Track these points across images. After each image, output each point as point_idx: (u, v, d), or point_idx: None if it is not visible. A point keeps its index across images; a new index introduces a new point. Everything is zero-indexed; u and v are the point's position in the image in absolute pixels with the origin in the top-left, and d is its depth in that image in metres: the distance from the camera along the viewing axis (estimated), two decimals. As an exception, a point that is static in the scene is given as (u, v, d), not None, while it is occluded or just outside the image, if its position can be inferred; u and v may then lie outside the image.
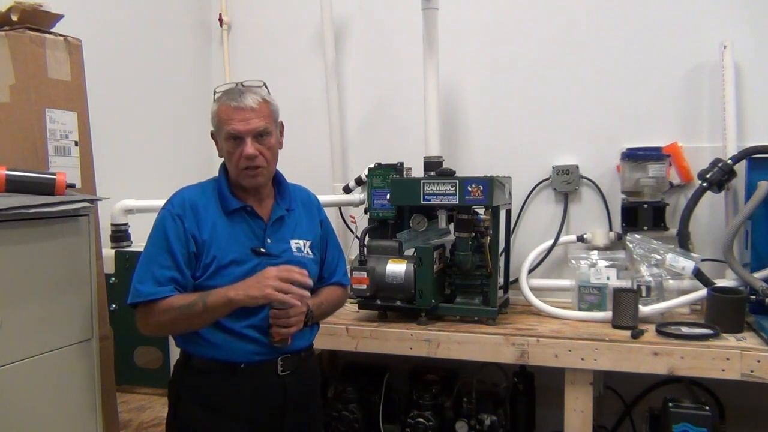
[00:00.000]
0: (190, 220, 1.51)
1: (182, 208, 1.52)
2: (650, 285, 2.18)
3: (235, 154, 1.52)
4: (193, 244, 1.50)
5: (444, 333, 2.10)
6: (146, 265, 1.50)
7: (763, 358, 1.81)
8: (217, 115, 1.54)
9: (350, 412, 2.35)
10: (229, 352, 1.52)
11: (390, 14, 2.78)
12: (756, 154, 2.15)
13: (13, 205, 1.32)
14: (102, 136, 1.86)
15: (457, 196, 2.10)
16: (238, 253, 1.53)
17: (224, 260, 1.51)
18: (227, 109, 1.51)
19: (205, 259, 1.51)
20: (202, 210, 1.53)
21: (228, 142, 1.52)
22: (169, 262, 1.48)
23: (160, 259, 1.49)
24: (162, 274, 1.48)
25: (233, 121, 1.50)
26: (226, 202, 1.56)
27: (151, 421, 1.93)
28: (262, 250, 1.55)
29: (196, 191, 1.58)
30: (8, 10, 1.56)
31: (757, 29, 2.34)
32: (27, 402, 1.40)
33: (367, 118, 2.86)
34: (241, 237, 1.55)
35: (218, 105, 1.54)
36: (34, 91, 1.57)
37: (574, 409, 2.00)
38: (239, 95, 1.52)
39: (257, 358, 1.54)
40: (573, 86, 2.55)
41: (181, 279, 1.49)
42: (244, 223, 1.56)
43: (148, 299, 1.47)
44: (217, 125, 1.55)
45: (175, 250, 1.49)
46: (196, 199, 1.55)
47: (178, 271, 1.49)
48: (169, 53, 2.81)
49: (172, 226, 1.50)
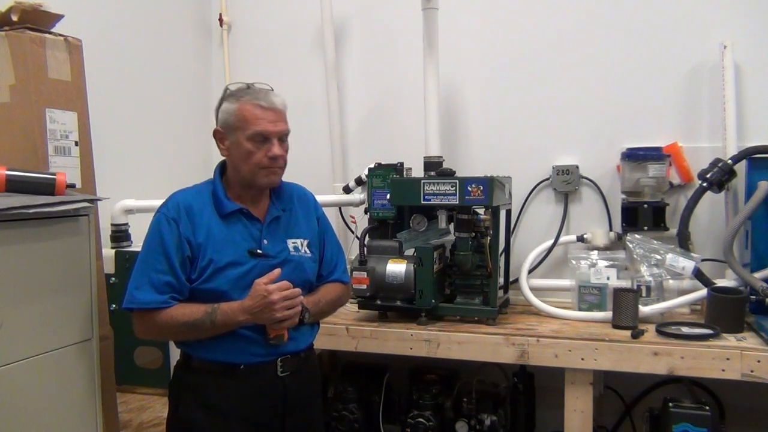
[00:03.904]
0: (185, 224, 1.51)
1: (177, 211, 1.51)
2: (650, 285, 2.18)
3: (258, 153, 1.51)
4: (187, 248, 1.50)
5: (444, 333, 2.10)
6: (142, 270, 1.50)
7: (763, 358, 1.81)
8: (239, 113, 1.51)
9: (350, 412, 2.34)
10: (228, 353, 1.52)
11: (390, 14, 2.78)
12: (756, 154, 2.15)
13: (13, 205, 1.32)
14: (102, 136, 1.86)
15: (457, 196, 2.10)
16: (234, 255, 1.52)
17: (221, 263, 1.51)
18: (254, 108, 1.50)
19: (201, 262, 1.50)
20: (197, 213, 1.53)
21: (252, 141, 1.50)
22: (165, 267, 1.48)
23: (156, 264, 1.48)
24: (158, 279, 1.48)
25: (262, 121, 1.50)
26: (221, 206, 1.55)
27: (151, 421, 1.93)
28: (258, 252, 1.54)
29: (190, 194, 1.57)
30: (8, 10, 1.56)
31: (757, 29, 2.34)
32: (27, 402, 1.40)
33: (367, 118, 2.86)
34: (237, 239, 1.54)
35: (240, 103, 1.51)
36: (34, 91, 1.57)
37: (574, 409, 2.00)
38: (265, 95, 1.52)
39: (257, 359, 1.53)
40: (573, 86, 2.55)
41: (176, 284, 1.49)
42: (240, 224, 1.56)
43: (146, 308, 1.48)
44: (237, 123, 1.51)
45: (171, 254, 1.48)
46: (191, 202, 1.54)
47: (174, 275, 1.49)
48: (169, 53, 2.81)
49: (167, 230, 1.50)
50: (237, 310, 1.47)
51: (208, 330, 1.48)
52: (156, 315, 1.48)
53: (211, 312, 1.46)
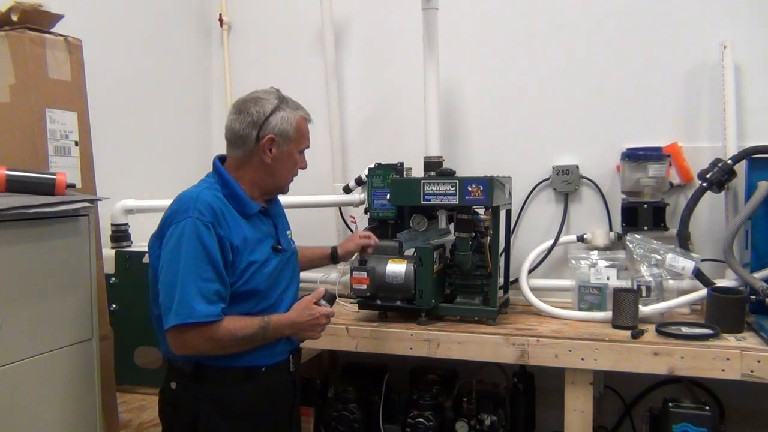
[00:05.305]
0: (224, 227, 1.47)
1: (213, 215, 1.46)
2: (650, 285, 2.18)
3: (298, 165, 1.65)
4: (230, 253, 1.47)
5: (444, 333, 2.10)
6: (190, 280, 1.41)
7: (763, 358, 1.81)
8: (300, 126, 1.60)
9: (350, 412, 2.34)
10: (253, 358, 1.54)
11: (390, 14, 2.77)
12: (756, 154, 2.14)
13: (13, 205, 1.32)
14: (102, 136, 1.86)
15: (457, 196, 2.10)
16: (264, 254, 1.56)
17: (256, 263, 1.52)
18: (306, 123, 1.64)
19: (240, 264, 1.50)
20: (227, 215, 1.51)
21: (301, 154, 1.64)
22: (212, 275, 1.43)
23: (202, 272, 1.42)
24: (207, 288, 1.42)
25: (309, 136, 1.66)
26: (247, 206, 1.56)
27: (151, 421, 1.93)
28: (279, 247, 1.60)
29: (211, 196, 1.51)
30: (8, 10, 1.56)
31: (757, 29, 2.34)
32: (27, 402, 1.40)
33: (367, 118, 2.86)
34: (263, 238, 1.58)
35: (299, 116, 1.60)
36: (34, 91, 1.57)
37: (574, 409, 2.00)
38: (307, 112, 1.64)
39: (276, 359, 1.58)
40: (573, 86, 2.55)
41: (224, 292, 1.46)
42: (261, 223, 1.60)
43: (205, 320, 1.41)
44: (294, 135, 1.59)
45: (216, 260, 1.44)
46: (219, 205, 1.50)
47: (221, 282, 1.45)
48: (169, 53, 2.82)
49: (208, 235, 1.43)
50: (286, 324, 1.54)
51: (258, 343, 1.51)
52: (212, 329, 1.43)
53: (264, 326, 1.50)
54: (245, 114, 1.55)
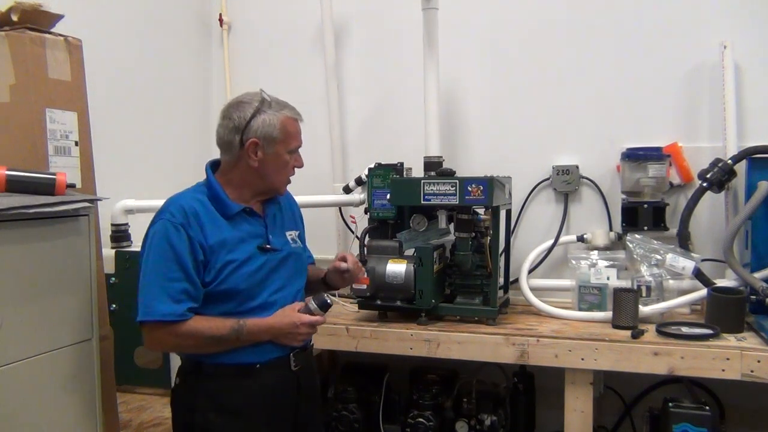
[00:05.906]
0: (195, 228, 1.49)
1: (184, 216, 1.49)
2: (650, 285, 2.18)
3: (290, 164, 1.62)
4: (201, 253, 1.49)
5: (444, 333, 2.10)
6: (154, 280, 1.46)
7: (763, 358, 1.81)
8: (285, 126, 1.56)
9: (350, 412, 2.35)
10: (243, 355, 1.53)
11: (390, 14, 2.77)
12: (756, 154, 2.15)
13: (13, 205, 1.32)
14: (102, 136, 1.86)
15: (457, 196, 2.10)
16: (246, 253, 1.54)
17: (236, 263, 1.52)
18: (294, 122, 1.60)
19: (216, 264, 1.50)
20: (204, 216, 1.52)
21: (291, 154, 1.61)
22: (179, 274, 1.46)
23: (169, 272, 1.45)
24: (173, 287, 1.45)
25: (299, 135, 1.62)
26: (226, 207, 1.56)
27: (151, 421, 1.93)
28: (267, 247, 1.59)
29: (190, 198, 1.55)
30: (8, 10, 1.56)
31: (757, 29, 2.34)
32: (27, 402, 1.40)
33: (367, 118, 2.86)
34: (245, 237, 1.57)
35: (283, 116, 1.56)
36: (34, 91, 1.56)
37: (574, 409, 2.00)
38: (293, 108, 1.61)
39: (271, 356, 1.56)
40: (573, 86, 2.55)
41: (192, 290, 1.47)
42: (245, 223, 1.58)
43: (167, 319, 1.44)
44: (280, 136, 1.56)
45: (184, 260, 1.46)
46: (195, 207, 1.52)
47: (190, 281, 1.47)
48: (169, 53, 2.81)
49: (176, 236, 1.47)
50: (263, 330, 1.52)
51: (232, 344, 1.50)
52: (176, 327, 1.45)
53: (237, 329, 1.49)
54: (228, 120, 1.56)
